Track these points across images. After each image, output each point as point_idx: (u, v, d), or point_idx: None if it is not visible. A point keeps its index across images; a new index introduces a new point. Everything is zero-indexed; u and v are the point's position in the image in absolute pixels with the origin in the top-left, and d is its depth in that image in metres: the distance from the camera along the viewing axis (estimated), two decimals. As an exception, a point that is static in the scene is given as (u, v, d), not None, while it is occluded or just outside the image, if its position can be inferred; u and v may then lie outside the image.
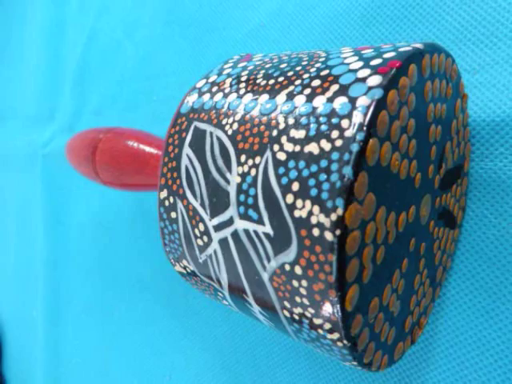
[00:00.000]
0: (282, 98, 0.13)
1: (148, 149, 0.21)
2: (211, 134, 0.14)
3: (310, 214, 0.11)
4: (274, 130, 0.12)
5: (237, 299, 0.15)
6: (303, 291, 0.12)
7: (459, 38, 0.18)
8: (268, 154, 0.12)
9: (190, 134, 0.15)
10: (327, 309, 0.11)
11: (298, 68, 0.13)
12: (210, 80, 0.16)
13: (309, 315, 0.12)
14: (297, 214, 0.11)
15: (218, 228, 0.14)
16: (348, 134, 0.10)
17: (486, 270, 0.16)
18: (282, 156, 0.12)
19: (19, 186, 0.54)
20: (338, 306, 0.11)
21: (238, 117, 0.13)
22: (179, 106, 0.16)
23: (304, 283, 0.11)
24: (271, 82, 0.13)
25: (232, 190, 0.13)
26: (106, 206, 0.39)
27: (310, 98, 0.12)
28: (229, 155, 0.13)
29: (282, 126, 0.12)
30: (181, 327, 0.30)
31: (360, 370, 0.14)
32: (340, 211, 0.10)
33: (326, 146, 0.11)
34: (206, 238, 0.14)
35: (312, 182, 0.11)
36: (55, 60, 0.48)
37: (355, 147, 0.10)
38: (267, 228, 0.12)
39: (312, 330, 0.12)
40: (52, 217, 0.46)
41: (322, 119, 0.11)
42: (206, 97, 0.15)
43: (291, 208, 0.11)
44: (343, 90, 0.11)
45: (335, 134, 0.11)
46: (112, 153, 0.22)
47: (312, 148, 0.11)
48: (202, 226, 0.14)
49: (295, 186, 0.11)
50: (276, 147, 0.12)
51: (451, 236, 0.16)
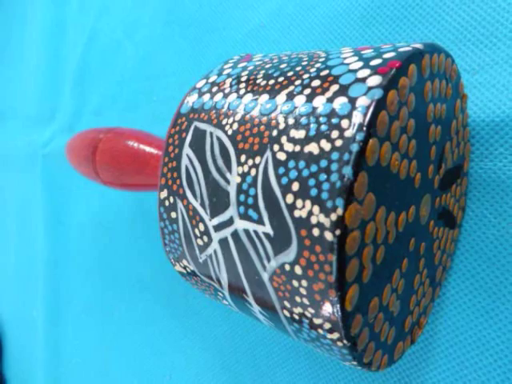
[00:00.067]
0: (281, 98, 0.13)
1: (148, 149, 0.21)
2: (211, 134, 0.14)
3: (310, 213, 0.11)
4: (274, 130, 0.12)
5: (237, 299, 0.15)
6: (303, 291, 0.12)
7: (459, 38, 0.18)
8: (268, 154, 0.12)
9: (190, 134, 0.15)
10: (327, 308, 0.11)
11: (298, 68, 0.13)
12: (210, 80, 0.16)
13: (309, 315, 0.12)
14: (297, 213, 0.11)
15: (218, 228, 0.14)
16: (348, 134, 0.10)
17: (485, 269, 0.16)
18: (281, 156, 0.12)
19: (19, 185, 0.54)
20: (338, 305, 0.11)
21: (238, 117, 0.13)
22: (179, 106, 0.16)
23: (304, 283, 0.11)
24: (271, 82, 0.13)
25: (232, 190, 0.13)
26: (106, 205, 0.39)
27: (309, 98, 0.12)
28: (229, 155, 0.13)
29: (282, 126, 0.12)
30: (181, 327, 0.30)
31: (360, 369, 0.14)
32: (340, 211, 0.10)
33: (325, 146, 0.11)
34: (206, 238, 0.14)
35: (312, 181, 0.11)
36: (55, 60, 0.48)
37: (355, 147, 0.10)
38: (267, 228, 0.12)
39: (312, 330, 0.12)
40: (52, 217, 0.46)
41: (321, 119, 0.11)
42: (206, 97, 0.15)
43: (291, 208, 0.11)
44: (343, 90, 0.11)
45: (335, 134, 0.11)
46: (112, 153, 0.22)
47: (312, 148, 0.11)
48: (202, 226, 0.14)
49: (295, 186, 0.11)
50: (276, 147, 0.12)
51: (451, 236, 0.16)
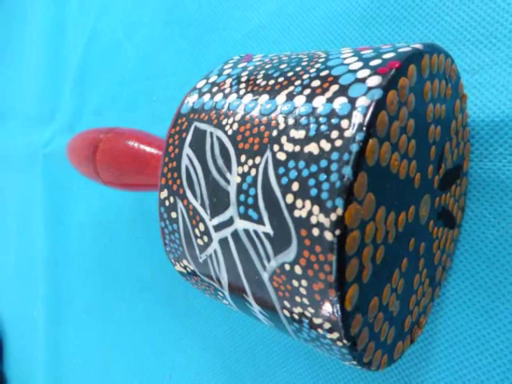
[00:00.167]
0: (281, 98, 0.13)
1: (148, 149, 0.21)
2: (211, 134, 0.14)
3: (310, 213, 0.11)
4: (273, 130, 0.12)
5: (237, 299, 0.15)
6: (303, 291, 0.12)
7: (458, 38, 0.18)
8: (268, 154, 0.12)
9: (190, 135, 0.15)
10: (327, 308, 0.11)
11: (298, 68, 0.13)
12: (210, 80, 0.16)
13: (309, 315, 0.12)
14: (297, 213, 0.11)
15: (218, 228, 0.14)
16: (348, 134, 0.11)
17: (485, 269, 0.16)
18: (281, 156, 0.12)
19: (20, 185, 0.54)
20: (338, 305, 0.11)
21: (238, 117, 0.13)
22: (179, 107, 0.16)
23: (304, 283, 0.11)
24: (271, 82, 0.13)
25: (232, 190, 0.13)
26: (107, 205, 0.39)
27: (309, 99, 0.12)
28: (229, 155, 0.13)
29: (281, 126, 0.12)
30: (181, 327, 0.30)
31: (359, 369, 0.14)
32: (340, 211, 0.10)
33: (325, 146, 0.11)
34: (206, 238, 0.14)
35: (312, 181, 0.11)
36: (56, 60, 0.48)
37: (355, 147, 0.10)
38: (267, 228, 0.12)
39: (312, 330, 0.12)
40: (52, 217, 0.46)
41: (321, 119, 0.11)
42: (206, 97, 0.15)
43: (291, 208, 0.11)
44: (343, 91, 0.11)
45: (335, 134, 0.11)
46: (112, 153, 0.22)
47: (312, 148, 0.11)
48: (202, 226, 0.14)
49: (295, 186, 0.11)
50: (276, 147, 0.12)
51: (450, 236, 0.16)
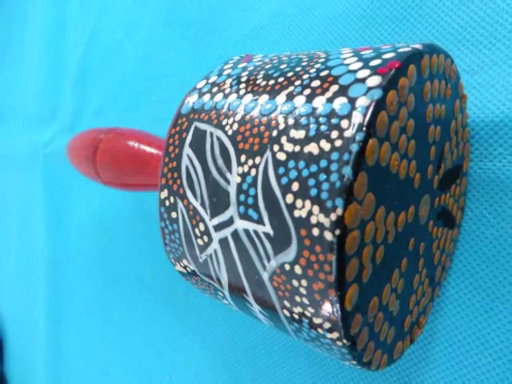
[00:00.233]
0: (281, 98, 0.13)
1: (148, 149, 0.21)
2: (211, 134, 0.14)
3: (310, 213, 0.11)
4: (273, 130, 0.12)
5: (237, 298, 0.15)
6: (303, 291, 0.12)
7: (458, 38, 0.18)
8: (268, 154, 0.12)
9: (190, 135, 0.15)
10: (327, 308, 0.11)
11: (298, 69, 0.13)
12: (211, 81, 0.16)
13: (308, 314, 0.12)
14: (297, 213, 0.11)
15: (218, 228, 0.14)
16: (347, 134, 0.11)
17: (484, 269, 0.16)
18: (281, 156, 0.12)
19: (20, 185, 0.54)
20: (338, 305, 0.11)
21: (238, 117, 0.13)
22: (179, 107, 0.16)
23: (304, 283, 0.11)
24: (271, 82, 0.13)
25: (232, 190, 0.13)
26: (107, 205, 0.39)
27: (309, 99, 0.12)
28: (229, 155, 0.13)
29: (281, 126, 0.12)
30: (181, 327, 0.30)
31: (359, 369, 0.14)
32: (339, 211, 0.10)
33: (325, 146, 0.11)
34: (206, 238, 0.14)
35: (312, 181, 0.11)
36: (56, 60, 0.48)
37: (355, 147, 0.10)
38: (267, 228, 0.12)
39: (312, 330, 0.12)
40: (53, 217, 0.46)
41: (321, 119, 0.11)
42: (207, 97, 0.15)
43: (291, 208, 0.11)
44: (343, 91, 0.11)
45: (335, 134, 0.11)
46: (113, 153, 0.22)
47: (312, 148, 0.11)
48: (202, 226, 0.14)
49: (295, 186, 0.11)
50: (276, 147, 0.12)
51: (450, 236, 0.16)
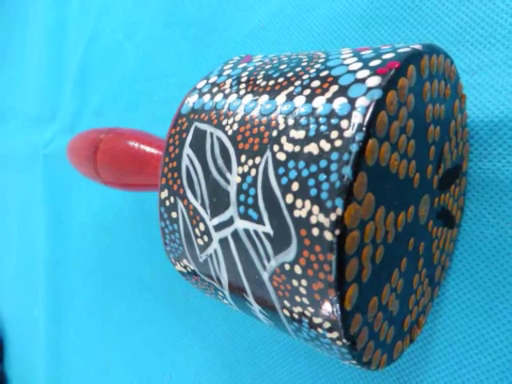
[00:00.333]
0: (281, 98, 0.13)
1: (148, 149, 0.21)
2: (211, 134, 0.14)
3: (310, 213, 0.11)
4: (273, 130, 0.12)
5: (237, 298, 0.15)
6: (303, 290, 0.12)
7: (458, 39, 0.18)
8: (268, 154, 0.12)
9: (190, 135, 0.15)
10: (327, 308, 0.11)
11: (298, 69, 0.13)
12: (211, 81, 0.16)
13: (308, 314, 0.12)
14: (296, 213, 0.11)
15: (219, 228, 0.14)
16: (347, 134, 0.11)
17: (484, 269, 0.16)
18: (281, 156, 0.12)
19: (20, 185, 0.54)
20: (338, 305, 0.11)
21: (238, 117, 0.14)
22: (180, 107, 0.16)
23: (304, 282, 0.11)
24: (271, 82, 0.14)
25: (232, 190, 0.13)
26: (107, 205, 0.39)
27: (309, 99, 0.12)
28: (229, 155, 0.13)
29: (281, 126, 0.12)
30: (181, 326, 0.30)
31: (359, 368, 0.14)
32: (339, 211, 0.10)
33: (325, 146, 0.11)
34: (206, 238, 0.14)
35: (311, 182, 0.11)
36: (56, 61, 0.48)
37: (354, 147, 0.10)
38: (267, 228, 0.12)
39: (311, 329, 0.12)
40: (53, 217, 0.46)
41: (321, 120, 0.11)
42: (207, 97, 0.15)
43: (291, 208, 0.11)
44: (343, 91, 0.11)
45: (335, 134, 0.11)
46: (113, 153, 0.22)
47: (312, 148, 0.11)
48: (202, 226, 0.14)
49: (295, 186, 0.11)
50: (276, 147, 0.12)
51: (450, 236, 0.16)
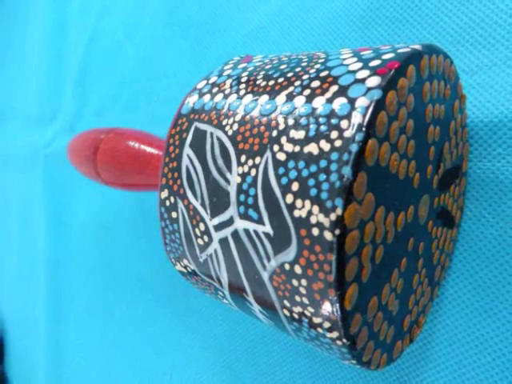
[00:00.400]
0: (281, 98, 0.13)
1: (149, 149, 0.21)
2: (211, 134, 0.14)
3: (310, 213, 0.11)
4: (273, 130, 0.12)
5: (237, 298, 0.15)
6: (303, 290, 0.12)
7: (457, 39, 0.18)
8: (268, 154, 0.12)
9: (190, 135, 0.15)
10: (326, 308, 0.11)
11: (298, 69, 0.13)
12: (211, 81, 0.16)
13: (308, 314, 0.12)
14: (296, 213, 0.11)
15: (219, 228, 0.14)
16: (347, 134, 0.11)
17: (484, 269, 0.17)
18: (281, 156, 0.12)
19: (21, 185, 0.54)
20: (338, 304, 0.11)
21: (238, 117, 0.14)
22: (180, 107, 0.16)
23: (303, 282, 0.11)
24: (271, 82, 0.14)
25: (232, 190, 0.13)
26: (107, 205, 0.39)
27: (309, 99, 0.12)
28: (229, 155, 0.13)
29: (281, 126, 0.12)
30: (181, 326, 0.30)
31: (359, 368, 0.14)
32: (339, 211, 0.10)
33: (325, 146, 0.11)
34: (206, 238, 0.14)
35: (311, 182, 0.11)
36: (57, 61, 0.48)
37: (354, 147, 0.10)
38: (267, 228, 0.12)
39: (311, 329, 0.12)
40: (54, 217, 0.46)
41: (321, 120, 0.11)
42: (207, 98, 0.15)
43: (291, 208, 0.11)
44: (342, 91, 0.11)
45: (334, 134, 0.11)
46: (113, 153, 0.22)
47: (311, 148, 0.11)
48: (202, 226, 0.14)
49: (295, 186, 0.11)
50: (276, 147, 0.12)
51: (449, 236, 0.17)
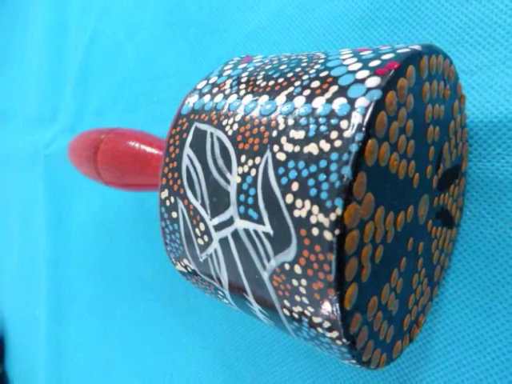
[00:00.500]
0: (281, 99, 0.13)
1: (149, 149, 0.21)
2: (212, 134, 0.14)
3: (310, 213, 0.11)
4: (273, 130, 0.12)
5: (237, 298, 0.15)
6: (303, 290, 0.12)
7: (457, 39, 0.18)
8: (268, 154, 0.12)
9: (190, 135, 0.15)
10: (326, 307, 0.11)
11: (298, 69, 0.13)
12: (211, 81, 0.16)
13: (308, 314, 0.12)
14: (296, 213, 0.11)
15: (219, 227, 0.14)
16: (347, 134, 0.11)
17: (483, 269, 0.17)
18: (281, 156, 0.12)
19: (21, 185, 0.54)
20: (337, 304, 0.11)
21: (238, 118, 0.14)
22: (180, 107, 0.16)
23: (303, 282, 0.12)
24: (271, 83, 0.14)
25: (232, 190, 0.13)
26: (108, 205, 0.39)
27: (309, 99, 0.12)
28: (229, 155, 0.13)
29: (281, 126, 0.12)
30: (182, 326, 0.30)
31: (359, 367, 0.14)
32: (339, 211, 0.10)
33: (325, 146, 0.11)
34: (206, 238, 0.14)
35: (311, 182, 0.11)
36: (57, 61, 0.48)
37: (354, 148, 0.10)
38: (267, 228, 0.12)
39: (311, 329, 0.12)
40: (54, 217, 0.47)
41: (321, 120, 0.11)
42: (207, 98, 0.15)
43: (291, 208, 0.11)
44: (342, 91, 0.11)
45: (334, 134, 0.11)
46: (113, 153, 0.22)
47: (311, 148, 0.11)
48: (202, 226, 0.14)
49: (295, 186, 0.11)
50: (276, 148, 0.12)
51: (449, 235, 0.17)
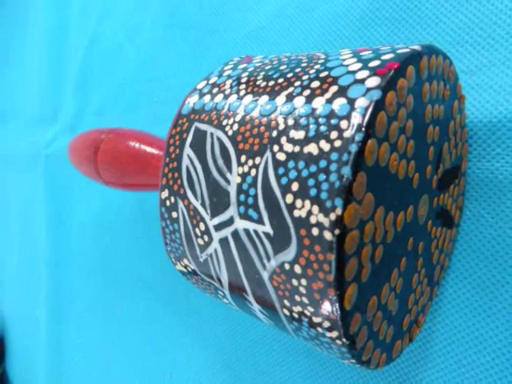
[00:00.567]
0: (281, 99, 0.13)
1: (149, 149, 0.21)
2: (212, 134, 0.14)
3: (310, 213, 0.11)
4: (273, 130, 0.12)
5: (237, 298, 0.15)
6: (302, 290, 0.12)
7: (457, 39, 0.18)
8: (268, 154, 0.12)
9: (190, 135, 0.15)
10: (326, 307, 0.11)
11: (298, 69, 0.13)
12: (211, 81, 0.16)
13: (308, 314, 0.12)
14: (296, 213, 0.11)
15: (219, 227, 0.14)
16: (347, 134, 0.11)
17: (483, 269, 0.17)
18: (281, 156, 0.12)
19: (22, 185, 0.54)
20: (337, 304, 0.11)
21: (238, 118, 0.14)
22: (180, 107, 0.16)
23: (303, 282, 0.12)
24: (271, 83, 0.14)
25: (232, 190, 0.13)
26: (108, 205, 0.39)
27: (309, 99, 0.12)
28: (229, 155, 0.13)
29: (281, 126, 0.12)
30: (182, 325, 0.30)
31: (358, 367, 0.14)
32: (339, 211, 0.10)
33: (325, 146, 0.11)
34: (206, 238, 0.14)
35: (311, 182, 0.11)
36: (58, 62, 0.48)
37: (354, 148, 0.10)
38: (267, 227, 0.12)
39: (311, 329, 0.12)
40: (54, 217, 0.47)
41: (321, 120, 0.11)
42: (207, 98, 0.15)
43: (291, 208, 0.11)
44: (342, 92, 0.11)
45: (334, 134, 0.11)
46: (114, 153, 0.22)
47: (311, 148, 0.11)
48: (202, 226, 0.14)
49: (295, 186, 0.11)
50: (276, 148, 0.12)
51: (449, 235, 0.17)
